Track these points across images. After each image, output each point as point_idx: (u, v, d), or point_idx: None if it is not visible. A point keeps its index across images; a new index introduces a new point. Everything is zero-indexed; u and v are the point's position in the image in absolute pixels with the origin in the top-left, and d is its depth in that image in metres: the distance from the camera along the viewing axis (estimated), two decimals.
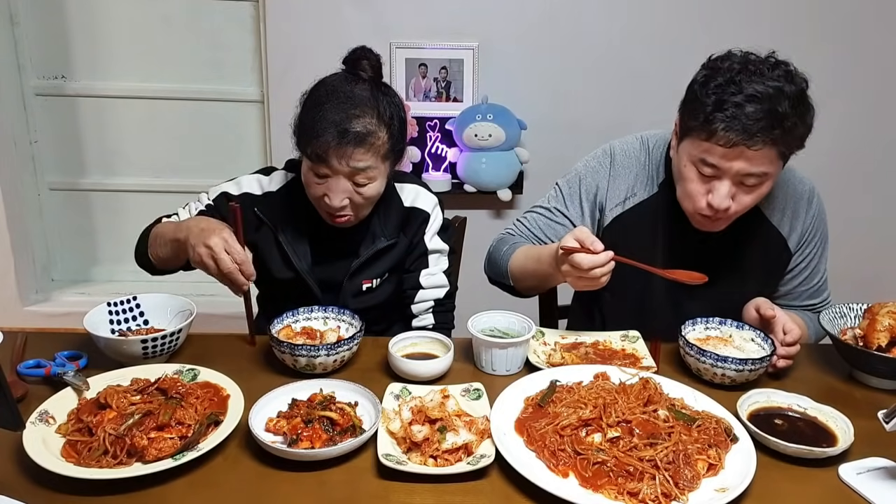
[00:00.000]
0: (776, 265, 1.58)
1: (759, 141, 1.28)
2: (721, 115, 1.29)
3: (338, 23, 2.64)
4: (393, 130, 1.43)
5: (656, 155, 1.57)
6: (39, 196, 3.04)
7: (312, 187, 1.44)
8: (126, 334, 1.40)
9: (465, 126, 2.67)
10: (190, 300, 1.43)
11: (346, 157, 1.37)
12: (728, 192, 1.35)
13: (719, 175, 1.35)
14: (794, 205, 1.55)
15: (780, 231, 1.55)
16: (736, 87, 1.29)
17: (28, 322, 2.92)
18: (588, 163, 1.61)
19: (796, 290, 1.62)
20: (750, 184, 1.35)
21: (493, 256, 1.64)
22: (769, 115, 1.27)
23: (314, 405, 1.16)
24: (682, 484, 1.02)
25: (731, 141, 1.29)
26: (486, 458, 1.07)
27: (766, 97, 1.28)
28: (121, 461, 1.04)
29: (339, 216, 1.46)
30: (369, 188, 1.44)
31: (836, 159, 2.86)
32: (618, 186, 1.56)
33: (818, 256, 1.61)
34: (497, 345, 1.34)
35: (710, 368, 1.33)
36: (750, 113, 1.27)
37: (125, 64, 2.89)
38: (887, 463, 1.12)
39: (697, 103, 1.34)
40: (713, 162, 1.33)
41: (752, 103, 1.27)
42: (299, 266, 1.54)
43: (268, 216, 1.54)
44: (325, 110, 1.38)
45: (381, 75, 1.47)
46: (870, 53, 2.77)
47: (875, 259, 2.99)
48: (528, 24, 2.70)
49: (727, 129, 1.28)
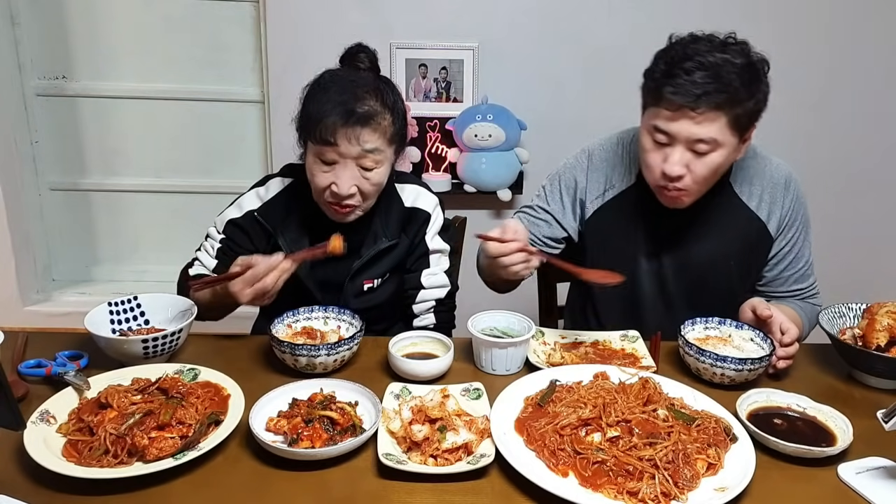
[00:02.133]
0: (757, 251, 1.61)
1: (702, 104, 1.33)
2: (668, 81, 1.35)
3: (338, 23, 2.64)
4: (397, 115, 1.45)
5: (633, 147, 1.60)
6: (40, 196, 3.04)
7: (318, 177, 1.44)
8: (127, 334, 1.40)
9: (465, 126, 2.67)
10: (190, 301, 1.43)
11: (354, 137, 1.38)
12: (679, 159, 1.39)
13: (671, 142, 1.39)
14: (772, 190, 1.58)
15: (758, 216, 1.58)
16: (687, 57, 1.35)
17: (29, 322, 2.91)
18: (566, 162, 1.68)
19: (782, 276, 1.64)
20: (701, 150, 1.38)
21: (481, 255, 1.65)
22: (714, 81, 1.33)
23: (314, 405, 1.16)
24: (682, 483, 1.03)
25: (676, 104, 1.34)
26: (485, 457, 1.08)
27: (713, 65, 1.33)
28: (121, 461, 1.04)
29: (345, 206, 1.45)
30: (376, 173, 1.44)
31: (836, 159, 2.87)
32: (596, 179, 1.62)
33: (801, 240, 1.63)
34: (497, 345, 1.35)
35: (709, 368, 1.33)
36: (696, 79, 1.33)
37: (126, 64, 2.89)
38: (886, 462, 1.12)
39: (651, 73, 1.41)
40: (662, 127, 1.38)
41: (699, 70, 1.33)
42: (299, 270, 1.54)
43: (268, 221, 1.55)
44: (331, 94, 1.40)
45: (378, 69, 1.50)
46: (870, 54, 2.77)
47: (874, 259, 2.99)
48: (528, 24, 2.70)
49: (673, 93, 1.34)
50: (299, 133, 1.47)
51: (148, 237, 3.14)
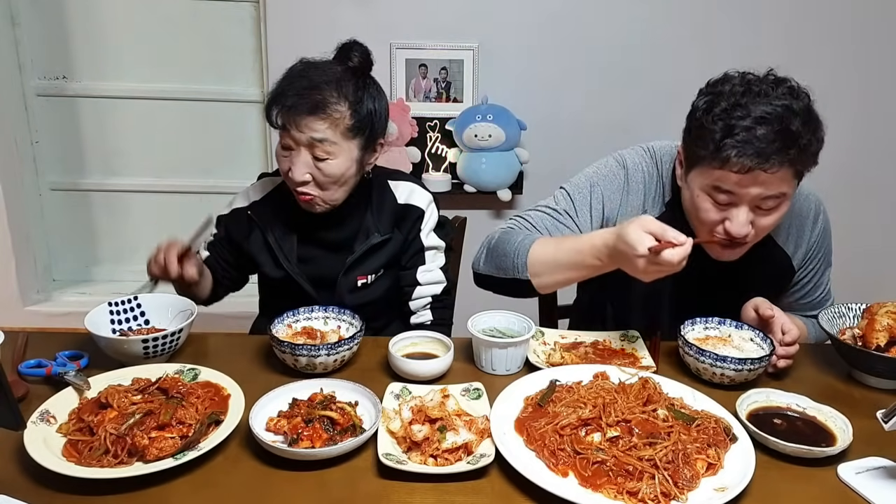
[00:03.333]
0: (779, 283, 1.57)
1: (775, 163, 1.23)
2: (732, 142, 1.24)
3: (338, 23, 2.64)
4: (359, 111, 1.46)
5: (665, 171, 1.50)
6: (40, 196, 3.04)
7: (281, 161, 1.49)
8: (127, 334, 1.40)
9: (465, 126, 2.67)
10: (190, 300, 1.43)
11: (303, 125, 1.42)
12: (746, 219, 1.31)
13: (736, 202, 1.30)
14: (800, 223, 1.52)
15: (784, 250, 1.52)
16: (743, 109, 1.25)
17: (29, 322, 2.91)
18: (600, 170, 1.52)
19: (798, 304, 1.63)
20: (767, 207, 1.31)
21: (497, 249, 1.46)
22: (782, 136, 1.23)
23: (314, 405, 1.16)
24: (682, 483, 1.03)
25: (746, 167, 1.24)
26: (485, 457, 1.08)
27: (776, 117, 1.24)
28: (122, 461, 1.04)
29: (302, 194, 1.48)
30: (329, 164, 1.45)
31: (836, 160, 2.85)
32: (631, 202, 1.49)
33: (821, 272, 1.60)
34: (497, 345, 1.35)
35: (709, 368, 1.33)
36: (762, 135, 1.23)
37: (126, 64, 2.89)
38: (886, 462, 1.12)
39: (704, 131, 1.28)
40: (728, 188, 1.29)
41: (762, 125, 1.23)
42: (287, 265, 1.56)
43: (258, 218, 1.58)
44: (293, 80, 1.44)
45: (369, 67, 1.51)
46: (872, 56, 2.77)
47: (874, 259, 2.99)
48: (528, 24, 2.70)
49: (740, 155, 1.23)
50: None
51: (148, 237, 3.10)
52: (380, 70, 2.68)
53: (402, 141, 2.71)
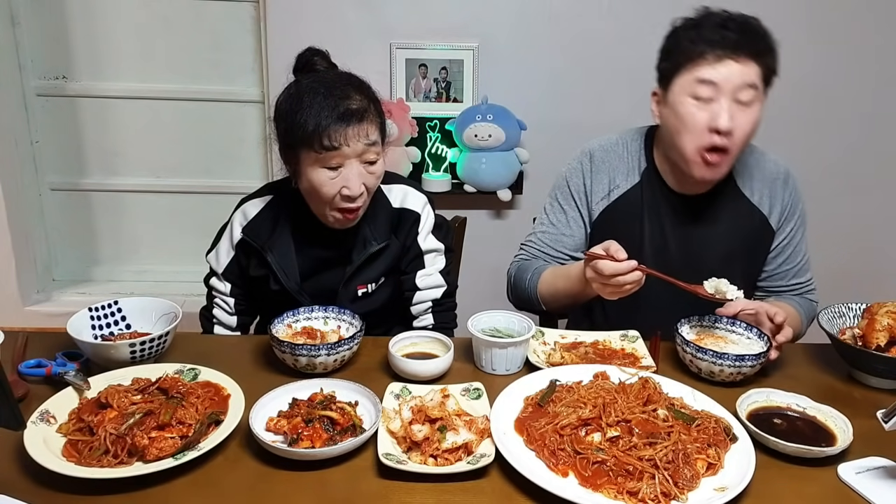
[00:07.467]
0: (759, 244, 1.63)
1: (742, 50, 1.40)
2: (705, 38, 1.41)
3: (338, 23, 2.64)
4: (376, 102, 1.45)
5: (634, 147, 1.63)
6: (40, 196, 3.04)
7: (326, 186, 1.41)
8: (109, 339, 1.38)
9: (465, 126, 2.67)
10: (174, 303, 1.41)
11: (356, 135, 1.38)
12: (729, 109, 1.41)
13: (716, 95, 1.41)
14: (771, 184, 1.62)
15: (760, 210, 1.60)
16: (711, 21, 1.43)
17: (29, 322, 2.91)
18: (570, 165, 1.68)
19: (781, 270, 1.66)
20: (745, 100, 1.41)
21: (517, 286, 1.68)
22: (748, 31, 1.42)
23: (314, 405, 1.16)
24: (682, 483, 1.03)
25: (719, 56, 1.40)
26: (485, 457, 1.08)
27: (741, 20, 1.43)
28: (122, 461, 1.04)
29: (349, 211, 1.45)
30: (379, 165, 1.45)
31: (836, 158, 2.87)
32: (600, 181, 1.63)
33: (799, 235, 1.66)
34: (497, 344, 1.35)
35: (708, 366, 1.33)
36: (731, 31, 1.41)
37: (126, 64, 2.89)
38: (886, 462, 1.12)
39: (678, 40, 1.46)
40: (708, 76, 1.41)
41: (730, 24, 1.42)
42: (288, 285, 1.54)
43: (254, 239, 1.54)
44: (315, 104, 1.37)
45: (335, 66, 1.49)
46: (870, 54, 2.77)
47: (874, 259, 2.99)
48: (528, 24, 2.70)
49: (713, 45, 1.40)
50: (291, 148, 1.43)
51: (148, 237, 3.13)
52: (380, 70, 2.71)
53: (401, 141, 2.71)
